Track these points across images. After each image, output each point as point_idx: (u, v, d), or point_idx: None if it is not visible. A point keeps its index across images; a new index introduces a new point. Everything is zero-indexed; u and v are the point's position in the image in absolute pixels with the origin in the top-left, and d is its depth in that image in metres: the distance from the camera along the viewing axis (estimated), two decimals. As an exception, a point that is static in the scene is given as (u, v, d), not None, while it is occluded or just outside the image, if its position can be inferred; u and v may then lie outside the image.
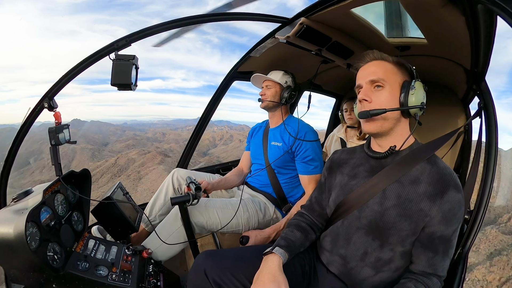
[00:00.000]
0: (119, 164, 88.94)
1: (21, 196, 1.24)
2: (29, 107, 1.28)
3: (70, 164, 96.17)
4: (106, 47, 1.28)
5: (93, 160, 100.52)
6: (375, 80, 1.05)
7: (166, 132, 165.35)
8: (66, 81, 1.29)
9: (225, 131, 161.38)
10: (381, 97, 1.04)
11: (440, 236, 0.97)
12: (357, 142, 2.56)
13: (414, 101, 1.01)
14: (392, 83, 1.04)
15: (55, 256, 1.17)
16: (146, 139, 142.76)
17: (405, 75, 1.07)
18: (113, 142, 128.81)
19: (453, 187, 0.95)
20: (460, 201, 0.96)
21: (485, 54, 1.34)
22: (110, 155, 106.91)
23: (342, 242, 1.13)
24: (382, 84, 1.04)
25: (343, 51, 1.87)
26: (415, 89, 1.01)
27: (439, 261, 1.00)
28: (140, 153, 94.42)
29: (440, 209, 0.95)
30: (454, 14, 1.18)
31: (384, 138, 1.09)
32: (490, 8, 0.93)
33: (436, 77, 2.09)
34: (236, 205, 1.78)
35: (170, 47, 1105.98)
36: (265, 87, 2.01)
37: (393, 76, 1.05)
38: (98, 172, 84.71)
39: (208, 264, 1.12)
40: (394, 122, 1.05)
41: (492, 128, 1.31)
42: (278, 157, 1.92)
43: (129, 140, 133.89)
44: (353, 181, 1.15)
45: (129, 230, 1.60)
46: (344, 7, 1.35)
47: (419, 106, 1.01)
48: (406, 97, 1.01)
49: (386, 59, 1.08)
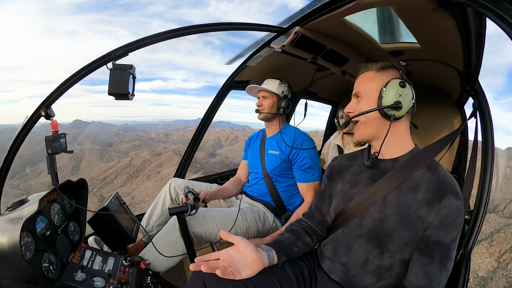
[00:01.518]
0: (135, 165, 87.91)
1: (16, 205, 1.21)
2: (26, 116, 1.28)
3: (79, 165, 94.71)
4: (104, 56, 1.29)
5: (103, 161, 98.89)
6: (356, 93, 1.13)
7: (168, 133, 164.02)
8: (63, 90, 1.30)
9: (230, 131, 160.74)
10: (360, 106, 1.09)
11: (436, 240, 0.94)
12: (353, 148, 2.57)
13: (388, 101, 1.01)
14: (370, 91, 1.07)
15: (50, 266, 1.14)
16: (150, 139, 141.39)
17: (389, 77, 1.06)
18: (118, 143, 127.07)
19: (452, 193, 0.94)
20: (459, 208, 0.94)
21: (477, 55, 1.36)
22: (118, 156, 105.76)
23: (343, 250, 1.12)
24: (361, 95, 1.10)
25: (338, 58, 1.89)
26: (385, 90, 1.02)
27: (435, 271, 0.95)
28: (152, 153, 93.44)
29: (438, 214, 0.93)
30: (445, 18, 1.20)
31: (375, 144, 1.11)
32: (479, 10, 0.94)
33: (430, 80, 2.11)
34: (234, 214, 1.77)
35: (171, 48, 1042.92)
36: (262, 98, 2.01)
37: (371, 84, 1.08)
38: (111, 173, 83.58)
39: (207, 274, 1.10)
40: (376, 126, 1.07)
41: (488, 127, 1.32)
42: (276, 166, 1.92)
43: (135, 140, 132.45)
44: (354, 189, 1.14)
45: (126, 240, 1.57)
46: (337, 15, 1.38)
47: (390, 106, 1.01)
48: (380, 100, 1.03)
49: (370, 68, 1.11)
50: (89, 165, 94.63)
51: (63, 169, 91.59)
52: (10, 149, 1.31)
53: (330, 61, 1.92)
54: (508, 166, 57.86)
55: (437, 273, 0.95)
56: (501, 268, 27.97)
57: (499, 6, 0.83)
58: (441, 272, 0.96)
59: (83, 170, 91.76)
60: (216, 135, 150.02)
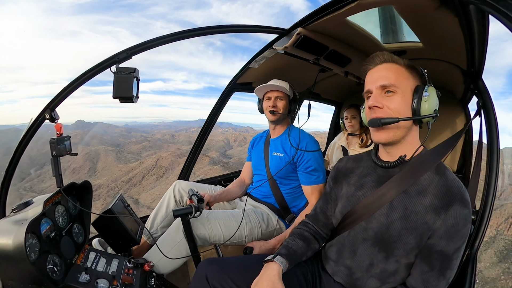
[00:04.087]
0: (164, 166, 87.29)
1: (21, 207, 1.23)
2: (31, 118, 1.29)
3: (96, 167, 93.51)
4: (108, 59, 1.30)
5: (120, 162, 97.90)
6: (387, 85, 0.98)
7: (173, 134, 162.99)
8: (68, 92, 1.31)
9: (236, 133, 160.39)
10: (393, 104, 0.97)
11: (439, 250, 0.93)
12: (358, 149, 2.55)
13: (427, 108, 0.96)
14: (404, 89, 0.98)
15: (54, 268, 1.15)
16: (158, 140, 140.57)
17: (416, 79, 1.01)
18: (126, 144, 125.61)
19: (460, 201, 0.91)
20: (465, 217, 0.91)
21: (480, 53, 1.35)
22: (133, 157, 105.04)
23: (348, 253, 1.11)
24: (394, 90, 0.98)
25: (340, 59, 1.88)
26: (429, 95, 0.96)
27: (433, 279, 0.95)
28: (173, 154, 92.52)
29: (444, 223, 0.91)
30: (447, 16, 1.19)
31: (394, 147, 1.04)
32: (481, 7, 0.94)
33: (433, 79, 2.05)
34: (238, 216, 1.77)
35: (173, 49, 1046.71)
36: (276, 99, 1.96)
37: (405, 80, 0.99)
38: (137, 174, 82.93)
39: (210, 271, 1.11)
40: (406, 130, 1.00)
41: (492, 126, 1.30)
42: (281, 168, 1.91)
43: (144, 141, 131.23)
44: (359, 192, 1.12)
45: (130, 242, 1.58)
46: (339, 15, 1.37)
47: (433, 114, 0.96)
48: (419, 104, 0.96)
49: (397, 61, 1.01)
50: (107, 166, 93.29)
51: (79, 170, 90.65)
52: (15, 152, 1.33)
53: (333, 61, 1.91)
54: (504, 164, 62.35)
55: (435, 281, 0.95)
56: (499, 234, 38.03)
57: (501, 2, 0.83)
58: (439, 281, 0.95)
59: (101, 172, 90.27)
60: (225, 136, 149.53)
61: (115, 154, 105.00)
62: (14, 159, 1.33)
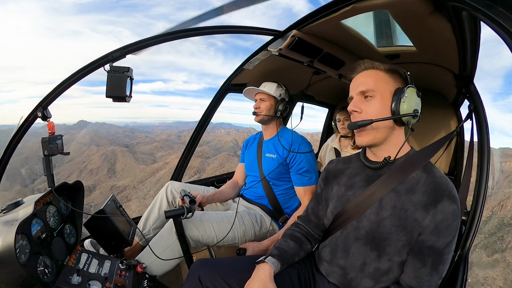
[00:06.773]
0: (194, 166, 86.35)
1: (11, 207, 1.19)
2: (21, 116, 1.26)
3: (114, 168, 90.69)
4: (101, 58, 1.28)
5: (140, 163, 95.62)
6: (364, 90, 1.04)
7: (179, 134, 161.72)
8: (60, 91, 1.29)
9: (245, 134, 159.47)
10: (371, 107, 1.03)
11: (430, 246, 0.95)
12: (351, 151, 2.57)
13: (406, 108, 0.99)
14: (383, 92, 1.02)
15: (45, 270, 1.12)
16: (166, 141, 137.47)
17: (398, 82, 1.04)
18: (135, 144, 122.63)
19: (448, 197, 0.94)
20: (454, 212, 0.93)
21: (472, 58, 1.38)
22: (147, 158, 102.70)
23: (341, 253, 1.12)
24: (372, 95, 1.03)
25: (334, 62, 1.90)
26: (407, 96, 0.99)
27: (426, 275, 0.97)
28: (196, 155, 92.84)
29: (433, 219, 0.93)
30: (440, 22, 1.22)
31: (378, 148, 1.08)
32: (474, 14, 0.96)
33: (426, 83, 2.13)
34: (231, 218, 1.76)
35: (174, 49, 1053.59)
36: (259, 100, 2.00)
37: (384, 84, 1.03)
38: (164, 175, 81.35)
39: (202, 272, 1.12)
40: (388, 131, 1.04)
41: (483, 129, 1.33)
42: (273, 169, 1.92)
43: (154, 142, 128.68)
44: (349, 192, 1.14)
45: (122, 244, 1.56)
46: (334, 18, 1.38)
47: (411, 114, 0.99)
48: (397, 105, 1.00)
49: (377, 67, 1.06)
50: (127, 167, 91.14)
51: (97, 171, 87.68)
52: (5, 151, 1.29)
53: (326, 64, 1.93)
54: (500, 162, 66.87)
55: (428, 276, 0.97)
56: (494, 214, 48.87)
57: (492, 10, 0.85)
58: (431, 276, 0.97)
59: (122, 173, 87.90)
60: (232, 137, 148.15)
61: (132, 155, 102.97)
62: (4, 159, 1.29)
